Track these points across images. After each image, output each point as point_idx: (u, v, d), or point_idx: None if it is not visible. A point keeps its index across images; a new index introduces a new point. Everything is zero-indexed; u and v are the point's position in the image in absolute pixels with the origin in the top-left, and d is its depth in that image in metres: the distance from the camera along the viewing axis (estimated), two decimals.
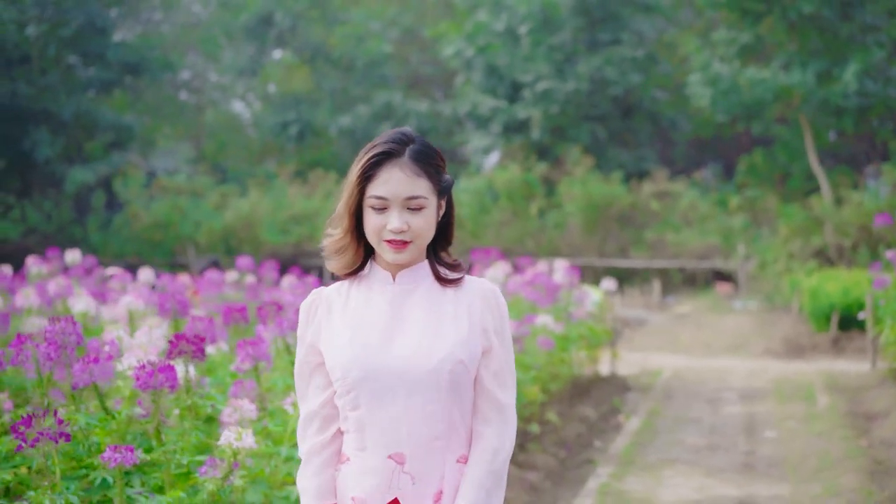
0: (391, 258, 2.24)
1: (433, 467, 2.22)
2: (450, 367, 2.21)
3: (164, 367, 3.15)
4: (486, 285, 2.33)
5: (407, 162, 2.22)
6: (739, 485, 6.31)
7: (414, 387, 2.20)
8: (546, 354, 7.33)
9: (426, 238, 2.26)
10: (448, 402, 2.22)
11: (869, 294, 10.03)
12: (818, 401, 9.11)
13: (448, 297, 2.28)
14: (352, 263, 2.29)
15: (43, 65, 23.99)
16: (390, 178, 2.20)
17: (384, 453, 2.20)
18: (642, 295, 19.20)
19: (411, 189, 2.21)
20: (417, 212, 2.22)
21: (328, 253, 2.30)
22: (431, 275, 2.30)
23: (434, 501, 2.23)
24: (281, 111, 27.53)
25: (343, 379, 2.22)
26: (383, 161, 2.22)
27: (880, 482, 6.12)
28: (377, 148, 2.23)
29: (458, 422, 2.25)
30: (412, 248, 2.24)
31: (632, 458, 7.09)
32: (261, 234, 21.85)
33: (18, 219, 22.50)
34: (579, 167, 21.57)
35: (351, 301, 2.29)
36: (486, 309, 2.29)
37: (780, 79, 18.35)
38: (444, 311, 2.26)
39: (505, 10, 23.83)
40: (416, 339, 2.22)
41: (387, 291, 2.27)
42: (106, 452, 2.86)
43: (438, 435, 2.22)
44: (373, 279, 2.30)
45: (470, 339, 2.24)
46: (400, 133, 2.26)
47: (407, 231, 2.21)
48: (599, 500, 5.96)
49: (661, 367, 11.55)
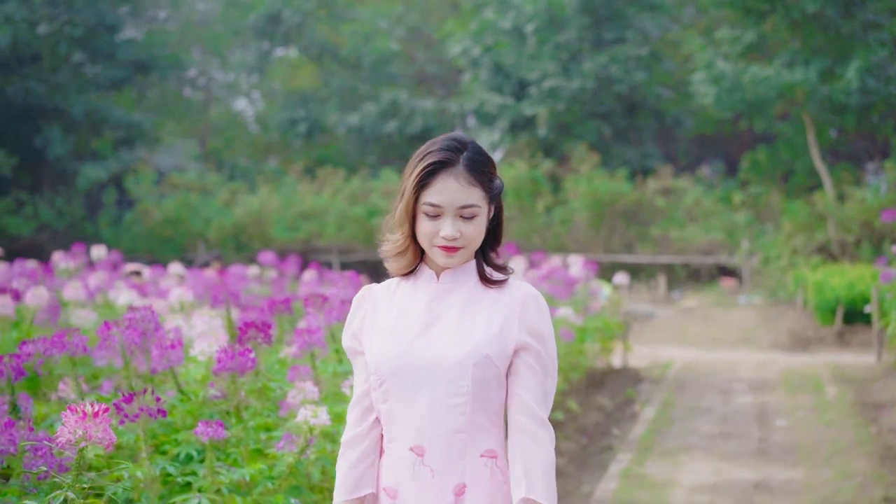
0: (442, 262, 2.30)
1: (453, 460, 2.24)
2: (475, 361, 2.23)
3: (244, 350, 3.42)
4: (529, 290, 2.35)
5: (462, 171, 2.25)
6: (755, 469, 6.59)
7: (439, 380, 2.24)
8: (567, 345, 7.62)
9: (477, 244, 2.30)
10: (472, 395, 2.23)
11: (875, 288, 10.30)
12: (826, 391, 9.39)
13: (488, 297, 2.32)
14: (410, 265, 2.35)
15: (54, 63, 24.25)
16: (445, 187, 2.24)
17: (406, 445, 2.26)
18: (648, 290, 19.48)
19: (465, 198, 2.24)
20: (470, 220, 2.26)
21: (388, 256, 2.36)
22: (476, 275, 2.35)
23: (455, 495, 2.25)
24: (289, 109, 27.80)
25: (377, 372, 2.29)
26: (438, 170, 2.25)
27: (891, 466, 6.40)
28: (432, 156, 2.26)
29: (483, 417, 2.27)
30: (463, 252, 2.29)
31: (650, 444, 7.37)
32: (270, 231, 22.13)
33: (31, 215, 22.77)
34: (585, 164, 21.84)
35: (396, 298, 2.36)
36: (527, 314, 2.30)
37: (783, 76, 18.58)
38: (480, 310, 2.30)
39: (511, 8, 24.11)
40: (448, 336, 2.27)
41: (430, 290, 2.34)
42: (198, 427, 3.13)
43: (460, 428, 2.24)
44: (419, 277, 2.37)
45: (500, 337, 2.26)
46: (454, 140, 2.28)
47: (459, 238, 2.26)
48: (623, 483, 6.24)
49: (671, 359, 11.83)
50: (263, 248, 20.88)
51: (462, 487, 2.25)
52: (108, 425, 2.43)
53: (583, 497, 6.03)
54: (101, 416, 2.40)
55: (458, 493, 2.25)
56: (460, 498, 2.25)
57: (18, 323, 6.15)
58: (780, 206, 20.38)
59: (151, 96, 29.82)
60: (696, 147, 28.77)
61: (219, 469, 3.28)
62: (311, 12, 28.90)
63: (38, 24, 23.48)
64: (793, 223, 18.32)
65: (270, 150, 31.68)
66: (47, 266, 10.21)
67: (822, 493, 5.95)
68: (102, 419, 2.40)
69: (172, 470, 3.19)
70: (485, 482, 2.26)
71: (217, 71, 33.33)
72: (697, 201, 21.36)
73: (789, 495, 5.97)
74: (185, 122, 31.58)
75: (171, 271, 8.93)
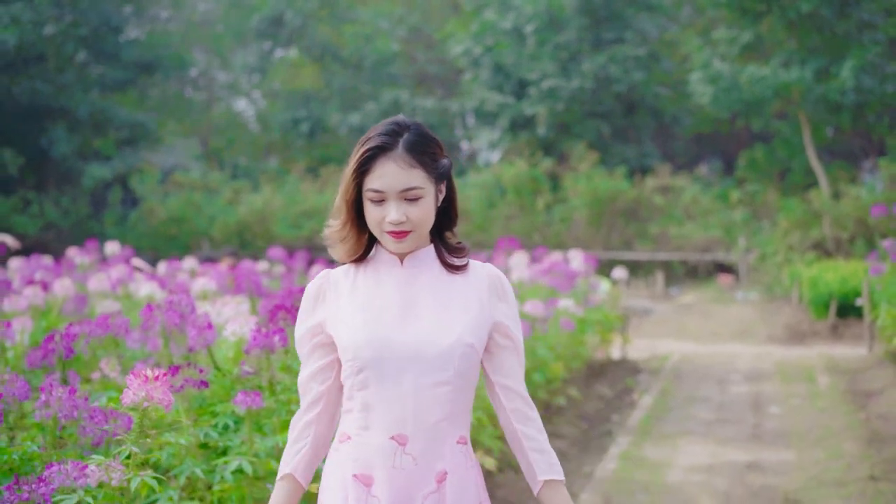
0: (393, 248, 2.29)
1: (435, 448, 2.24)
2: (461, 351, 2.24)
3: (275, 330, 3.73)
4: (493, 271, 2.37)
5: (401, 154, 2.23)
6: (748, 451, 6.91)
7: (424, 368, 2.23)
8: (568, 335, 7.93)
9: (426, 226, 2.29)
10: (455, 383, 2.25)
11: (866, 281, 10.62)
12: (819, 381, 9.71)
13: (456, 281, 2.33)
14: (354, 251, 2.34)
15: (59, 64, 24.56)
16: (385, 171, 2.22)
17: (387, 434, 2.23)
18: (647, 286, 19.79)
19: (406, 181, 2.23)
20: (415, 202, 2.24)
21: (330, 242, 2.36)
22: (438, 259, 2.35)
23: (437, 482, 2.25)
24: (291, 108, 28.13)
25: (354, 359, 2.25)
26: (377, 155, 2.23)
27: (878, 448, 6.71)
28: (371, 142, 2.25)
29: (462, 404, 2.29)
30: (413, 236, 2.27)
31: (648, 429, 7.68)
32: (274, 229, 22.44)
33: (37, 214, 23.07)
34: (584, 163, 22.16)
35: (359, 284, 2.33)
36: (494, 296, 2.35)
37: (780, 76, 18.87)
38: (453, 296, 2.31)
39: (512, 9, 24.44)
40: (427, 322, 2.26)
41: (395, 275, 2.32)
42: (238, 397, 3.44)
43: (443, 417, 2.25)
44: (380, 262, 2.34)
45: (478, 324, 2.28)
46: (394, 124, 2.27)
47: (406, 222, 2.24)
48: (622, 464, 6.56)
49: (669, 352, 12.14)
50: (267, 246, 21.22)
51: (444, 474, 2.26)
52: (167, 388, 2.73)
53: (584, 476, 6.34)
54: (162, 380, 2.70)
55: (439, 480, 2.25)
56: (442, 484, 2.25)
57: (47, 313, 6.46)
58: (777, 204, 20.70)
59: (153, 96, 30.12)
60: (694, 146, 29.11)
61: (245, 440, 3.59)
62: (313, 13, 29.23)
63: (44, 25, 23.78)
64: (789, 220, 18.63)
65: (271, 150, 32.00)
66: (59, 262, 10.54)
67: (812, 472, 6.26)
68: (163, 382, 2.71)
69: (215, 435, 3.50)
70: (462, 468, 2.28)
71: (218, 71, 33.65)
72: (695, 199, 21.67)
73: (780, 474, 6.29)
74: (186, 121, 31.89)
75: (184, 266, 9.24)
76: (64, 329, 3.99)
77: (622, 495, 5.86)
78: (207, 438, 3.54)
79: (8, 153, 22.73)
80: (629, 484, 6.10)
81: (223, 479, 3.42)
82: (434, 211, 2.29)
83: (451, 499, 2.25)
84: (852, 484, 5.86)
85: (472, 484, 2.30)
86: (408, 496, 2.23)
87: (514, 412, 2.35)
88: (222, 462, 3.41)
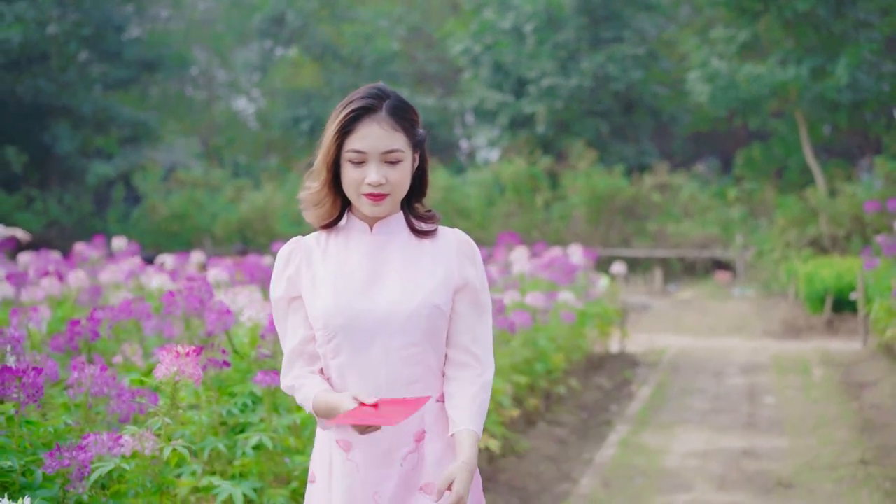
0: (369, 211, 2.30)
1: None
2: (427, 312, 2.28)
3: None
4: (461, 236, 2.40)
5: (384, 117, 2.27)
6: (743, 438, 7.11)
7: (393, 331, 2.27)
8: (568, 327, 8.13)
9: (403, 190, 2.32)
10: (425, 345, 2.29)
11: (860, 275, 10.82)
12: (814, 373, 9.92)
13: (425, 247, 2.36)
14: (328, 215, 2.35)
15: (62, 62, 24.74)
16: (369, 132, 2.25)
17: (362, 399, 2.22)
18: (645, 283, 19.99)
19: (389, 143, 2.26)
20: (395, 165, 2.28)
21: (306, 205, 2.36)
22: (407, 226, 2.38)
23: (416, 441, 2.30)
24: (292, 107, 28.33)
25: (325, 327, 2.28)
26: (361, 116, 2.26)
27: (869, 435, 6.92)
28: (355, 103, 2.28)
29: (435, 365, 2.32)
30: (389, 200, 2.30)
31: (646, 419, 7.88)
32: (275, 226, 22.62)
33: (40, 211, 23.26)
34: (583, 161, 22.37)
35: (330, 250, 2.36)
36: (463, 259, 2.38)
37: (777, 75, 19.07)
38: (422, 260, 2.34)
39: (511, 9, 24.65)
40: (395, 287, 2.29)
41: (364, 241, 2.35)
42: (258, 376, 3.63)
43: (417, 378, 2.29)
44: (350, 230, 2.37)
45: (444, 285, 2.32)
46: (376, 88, 2.31)
47: (385, 184, 2.27)
48: (621, 451, 6.75)
49: (666, 346, 12.34)
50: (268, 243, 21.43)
51: (422, 433, 2.30)
52: (196, 363, 2.93)
53: (584, 462, 6.54)
54: (192, 355, 2.90)
55: (417, 440, 2.30)
56: (420, 443, 2.30)
57: (62, 303, 6.65)
58: (774, 202, 20.91)
59: (153, 94, 30.32)
60: (692, 144, 29.31)
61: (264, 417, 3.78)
62: (313, 13, 29.42)
63: (48, 24, 23.96)
64: (786, 218, 18.83)
65: (271, 148, 32.20)
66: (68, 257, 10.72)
67: (805, 458, 6.46)
68: (193, 358, 2.90)
69: (237, 412, 3.69)
70: (442, 425, 2.32)
71: (218, 70, 33.84)
72: (693, 197, 21.88)
73: (774, 459, 6.49)
74: (186, 120, 32.09)
75: (193, 259, 9.43)
76: (89, 314, 4.18)
77: (621, 479, 6.06)
78: (229, 416, 3.74)
79: (12, 151, 22.93)
80: (628, 469, 6.30)
81: (244, 454, 3.61)
82: (410, 177, 2.33)
83: (429, 458, 2.30)
84: (844, 468, 6.06)
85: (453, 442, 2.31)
86: (385, 458, 2.28)
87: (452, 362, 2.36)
88: (243, 438, 3.61)
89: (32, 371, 2.91)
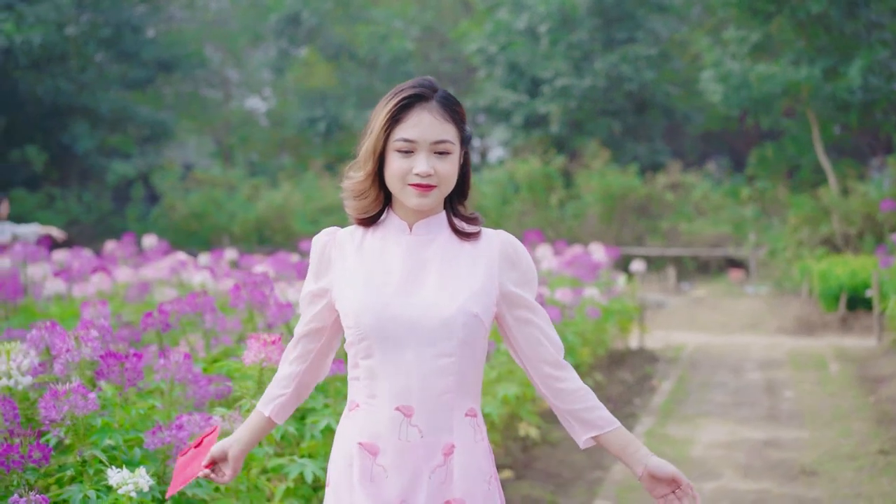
0: (415, 203, 2.20)
1: (441, 420, 2.18)
2: (463, 320, 2.16)
3: None
4: (505, 237, 2.30)
5: (436, 106, 2.21)
6: (765, 430, 7.36)
7: (426, 338, 2.16)
8: (594, 323, 8.38)
9: (450, 184, 2.23)
10: (460, 355, 2.18)
11: (875, 273, 11.05)
12: (830, 368, 10.16)
13: (465, 250, 2.26)
14: (370, 208, 2.27)
15: (81, 63, 25.07)
16: (420, 121, 2.19)
17: (392, 404, 2.17)
18: (659, 281, 20.24)
19: (440, 133, 2.19)
20: (444, 156, 2.20)
21: (348, 195, 2.29)
22: (448, 227, 2.28)
23: (444, 455, 2.20)
24: (308, 107, 28.63)
25: (356, 326, 2.18)
26: (413, 104, 2.20)
27: (887, 427, 7.16)
28: (406, 91, 2.21)
29: (469, 376, 2.22)
30: (436, 193, 2.20)
31: (669, 411, 8.14)
32: (293, 225, 22.92)
33: (62, 210, 23.58)
34: (596, 160, 22.62)
35: (365, 247, 2.27)
36: (505, 264, 2.27)
37: (789, 75, 19.25)
38: (461, 264, 2.23)
39: (525, 9, 24.92)
40: (431, 291, 2.19)
41: (403, 241, 2.25)
42: None
43: (448, 389, 2.18)
44: (388, 228, 2.28)
45: (484, 293, 2.21)
46: (427, 79, 2.25)
47: (433, 175, 2.18)
48: (648, 441, 7.01)
49: (684, 342, 12.59)
50: (286, 241, 21.75)
51: (451, 447, 2.20)
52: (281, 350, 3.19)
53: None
54: (277, 343, 3.16)
55: (446, 454, 2.20)
56: (449, 458, 2.20)
57: (112, 297, 6.93)
58: (786, 201, 21.12)
59: (168, 94, 30.65)
60: (704, 143, 29.54)
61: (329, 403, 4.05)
62: (328, 13, 29.71)
63: (67, 25, 24.29)
64: (798, 216, 19.02)
65: (285, 147, 32.51)
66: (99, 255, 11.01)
67: (826, 448, 6.71)
68: (278, 346, 3.17)
69: None
70: (470, 441, 2.23)
71: (231, 69, 34.15)
72: (705, 196, 22.12)
73: (796, 449, 6.74)
74: (200, 119, 32.41)
75: (226, 256, 9.72)
76: (158, 307, 4.45)
77: None
78: None
79: (33, 150, 23.26)
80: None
81: (313, 437, 3.88)
82: (457, 172, 2.25)
83: (458, 473, 2.20)
84: (863, 457, 6.31)
85: (481, 458, 2.25)
86: (415, 469, 2.18)
87: (544, 384, 2.31)
88: (311, 422, 3.87)
89: (133, 357, 3.18)
